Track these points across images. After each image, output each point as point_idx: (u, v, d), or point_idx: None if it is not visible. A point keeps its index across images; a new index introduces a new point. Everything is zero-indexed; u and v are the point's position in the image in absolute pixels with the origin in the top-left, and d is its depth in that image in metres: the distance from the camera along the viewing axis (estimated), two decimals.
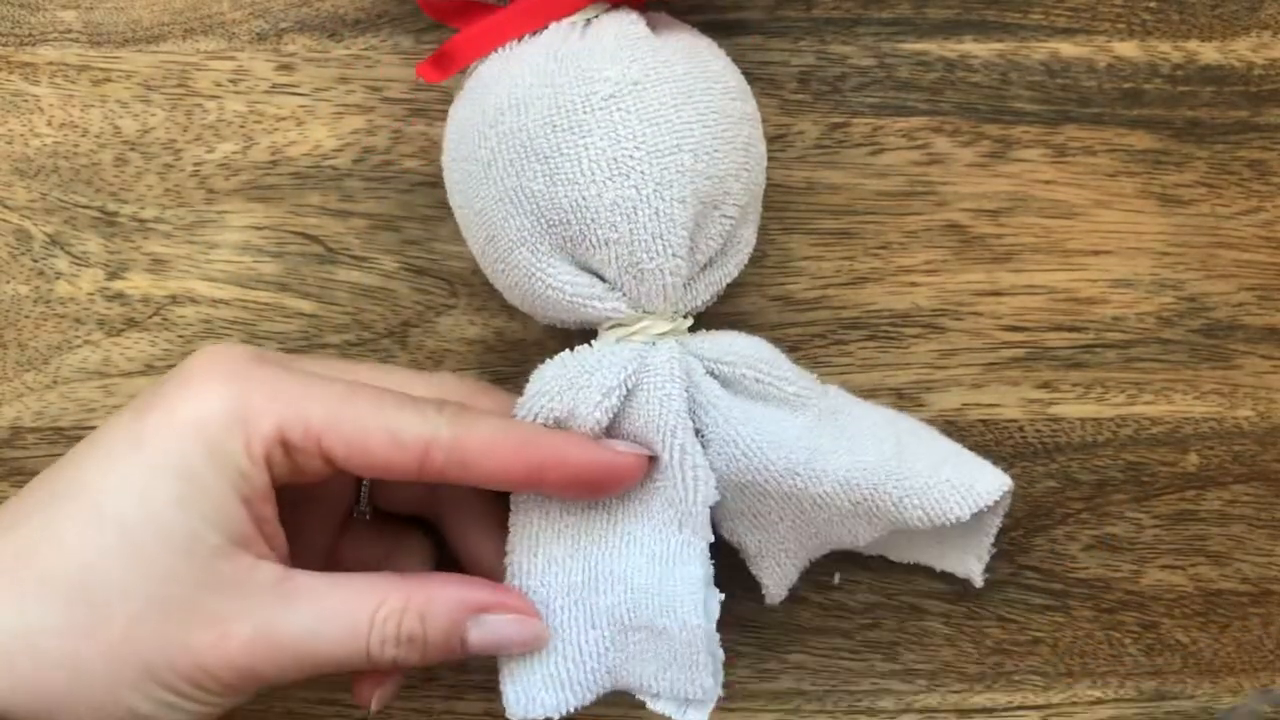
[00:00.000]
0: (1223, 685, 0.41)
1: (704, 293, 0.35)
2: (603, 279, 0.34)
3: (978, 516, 0.35)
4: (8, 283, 0.39)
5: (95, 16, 0.39)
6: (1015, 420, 0.40)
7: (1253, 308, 0.40)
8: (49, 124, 0.39)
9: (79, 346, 0.39)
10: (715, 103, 0.34)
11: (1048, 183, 0.40)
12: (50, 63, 0.39)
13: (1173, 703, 0.40)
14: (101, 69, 0.39)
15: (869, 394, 0.40)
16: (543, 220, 0.33)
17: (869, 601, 0.40)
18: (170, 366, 0.39)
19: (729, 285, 0.36)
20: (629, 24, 0.34)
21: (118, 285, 0.39)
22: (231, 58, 0.39)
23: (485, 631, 0.33)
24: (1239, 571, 0.41)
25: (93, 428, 0.39)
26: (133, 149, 0.39)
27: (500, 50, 0.35)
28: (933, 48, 0.40)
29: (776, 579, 0.37)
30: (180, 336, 0.39)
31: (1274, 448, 0.40)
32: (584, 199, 0.33)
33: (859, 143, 0.40)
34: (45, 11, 0.39)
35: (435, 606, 0.32)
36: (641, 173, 0.32)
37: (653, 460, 0.33)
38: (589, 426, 0.33)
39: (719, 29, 0.39)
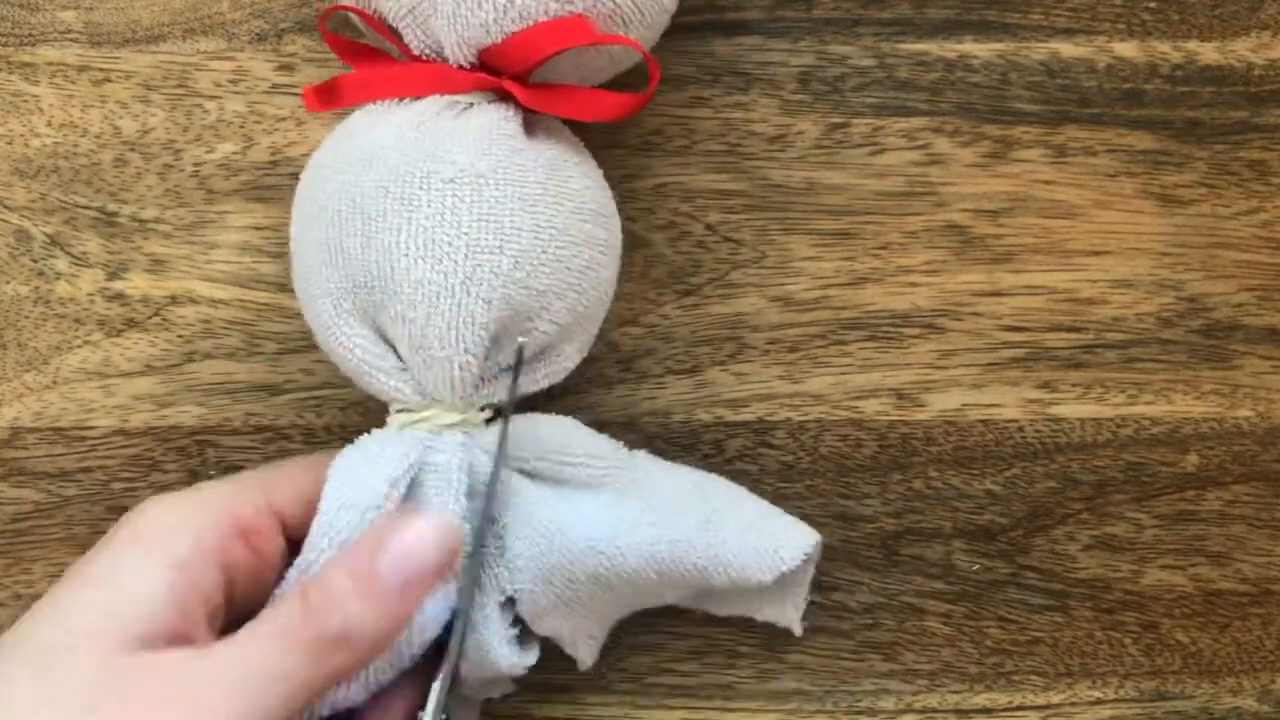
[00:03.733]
0: (1223, 685, 0.41)
1: (502, 393, 0.34)
2: (397, 355, 0.33)
3: (786, 576, 0.36)
4: (8, 283, 0.39)
5: (95, 16, 0.39)
6: (1015, 420, 0.40)
7: (1253, 308, 0.40)
8: (49, 124, 0.39)
9: (79, 346, 0.39)
10: (558, 219, 0.33)
11: (1048, 183, 0.40)
12: (50, 63, 0.39)
13: (1173, 703, 0.40)
14: (101, 69, 0.39)
15: (869, 394, 0.40)
16: (350, 279, 0.33)
17: (869, 601, 0.40)
18: (170, 367, 0.39)
19: (728, 289, 0.36)
20: (501, 119, 0.34)
21: (118, 285, 0.39)
22: (231, 58, 0.39)
23: (390, 554, 0.31)
24: (1239, 571, 0.41)
25: (92, 428, 0.39)
26: (133, 149, 0.39)
27: (378, 104, 0.35)
28: (933, 48, 0.40)
29: (589, 650, 0.37)
30: (180, 336, 0.39)
31: (1274, 448, 0.40)
32: (391, 270, 0.32)
33: (859, 143, 0.40)
34: (45, 11, 0.39)
35: (330, 569, 0.31)
36: (454, 261, 0.32)
37: None
38: (373, 516, 0.32)
39: (719, 29, 0.39)
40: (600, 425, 0.38)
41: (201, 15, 0.39)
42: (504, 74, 0.34)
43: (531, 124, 0.35)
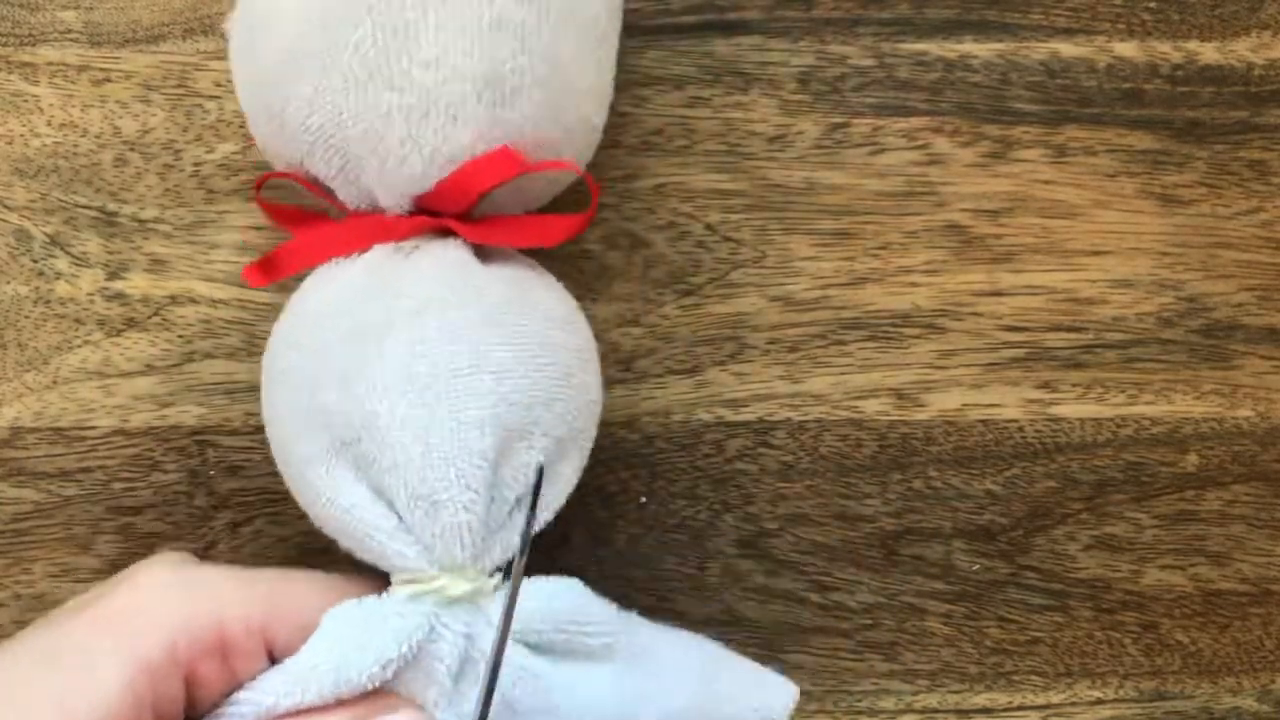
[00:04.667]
0: (1223, 685, 0.41)
1: (512, 541, 0.32)
2: (395, 511, 0.31)
3: None
4: (8, 283, 0.39)
5: (95, 16, 0.39)
6: (1015, 420, 0.40)
7: (1253, 308, 0.40)
8: (49, 124, 0.39)
9: (79, 346, 0.39)
10: (529, 329, 0.32)
11: (1048, 183, 0.40)
12: (50, 63, 0.39)
13: (1173, 703, 0.40)
14: (101, 69, 0.39)
15: (869, 394, 0.40)
16: (335, 438, 0.31)
17: (869, 601, 0.40)
18: (170, 367, 0.39)
19: (728, 289, 0.36)
20: (452, 249, 0.33)
21: (118, 285, 0.39)
22: None
23: None
24: (1239, 571, 0.41)
25: (92, 428, 0.39)
26: (133, 149, 0.39)
27: (326, 265, 0.34)
28: (933, 48, 0.40)
29: None
30: (180, 336, 0.39)
31: (1274, 448, 0.40)
32: (375, 415, 0.30)
33: (859, 143, 0.40)
34: (45, 11, 0.39)
35: None
36: (435, 391, 0.30)
37: None
38: (356, 690, 0.30)
39: (719, 29, 0.39)
40: (601, 425, 0.38)
41: (201, 15, 0.39)
42: (444, 214, 0.33)
43: (482, 251, 0.34)
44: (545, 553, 0.40)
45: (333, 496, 0.31)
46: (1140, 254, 0.40)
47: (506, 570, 0.32)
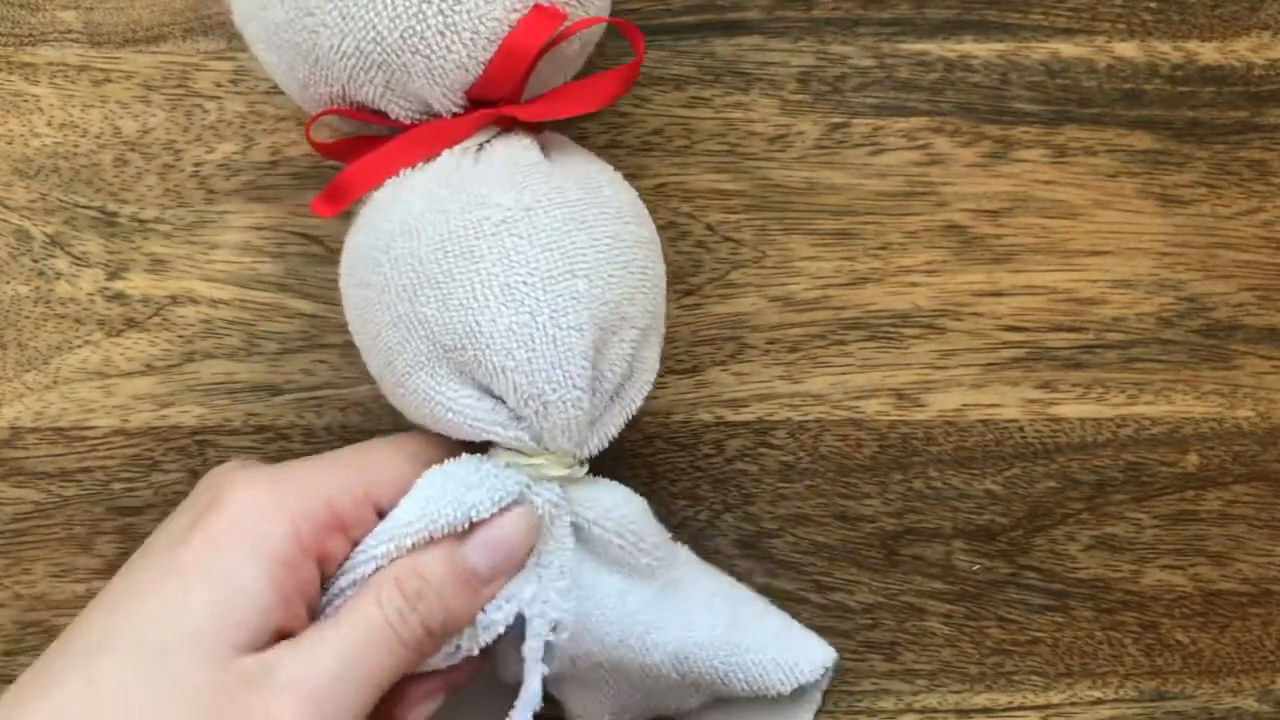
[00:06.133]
0: (1223, 685, 0.41)
1: (609, 431, 0.34)
2: (506, 405, 0.33)
3: (802, 687, 0.37)
4: (8, 283, 0.39)
5: (95, 16, 0.39)
6: (1015, 420, 0.40)
7: (1253, 308, 0.40)
8: (49, 124, 0.39)
9: (79, 346, 0.39)
10: (609, 228, 0.33)
11: (1048, 183, 0.40)
12: (50, 63, 0.39)
13: (1173, 703, 0.40)
14: (101, 69, 0.39)
15: (869, 394, 0.40)
16: (439, 345, 0.32)
17: (869, 601, 0.40)
18: (170, 367, 0.39)
19: (728, 289, 0.36)
20: (521, 149, 0.34)
21: (118, 285, 0.39)
22: (231, 58, 0.39)
23: (482, 546, 0.32)
24: (1239, 571, 0.41)
25: (92, 428, 0.39)
26: (133, 149, 0.39)
27: (394, 178, 0.34)
28: (933, 48, 0.40)
29: None
30: (180, 336, 0.39)
31: (1274, 448, 0.40)
32: (478, 324, 0.32)
33: (859, 143, 0.40)
34: (45, 11, 0.39)
35: (424, 559, 0.32)
36: (536, 299, 0.32)
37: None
38: (443, 531, 0.32)
39: (719, 29, 0.39)
40: None
41: (201, 15, 0.39)
42: (497, 104, 0.34)
43: (543, 145, 0.35)
44: None
45: (445, 399, 0.33)
46: (1140, 254, 0.40)
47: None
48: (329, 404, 0.39)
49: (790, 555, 0.40)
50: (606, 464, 0.39)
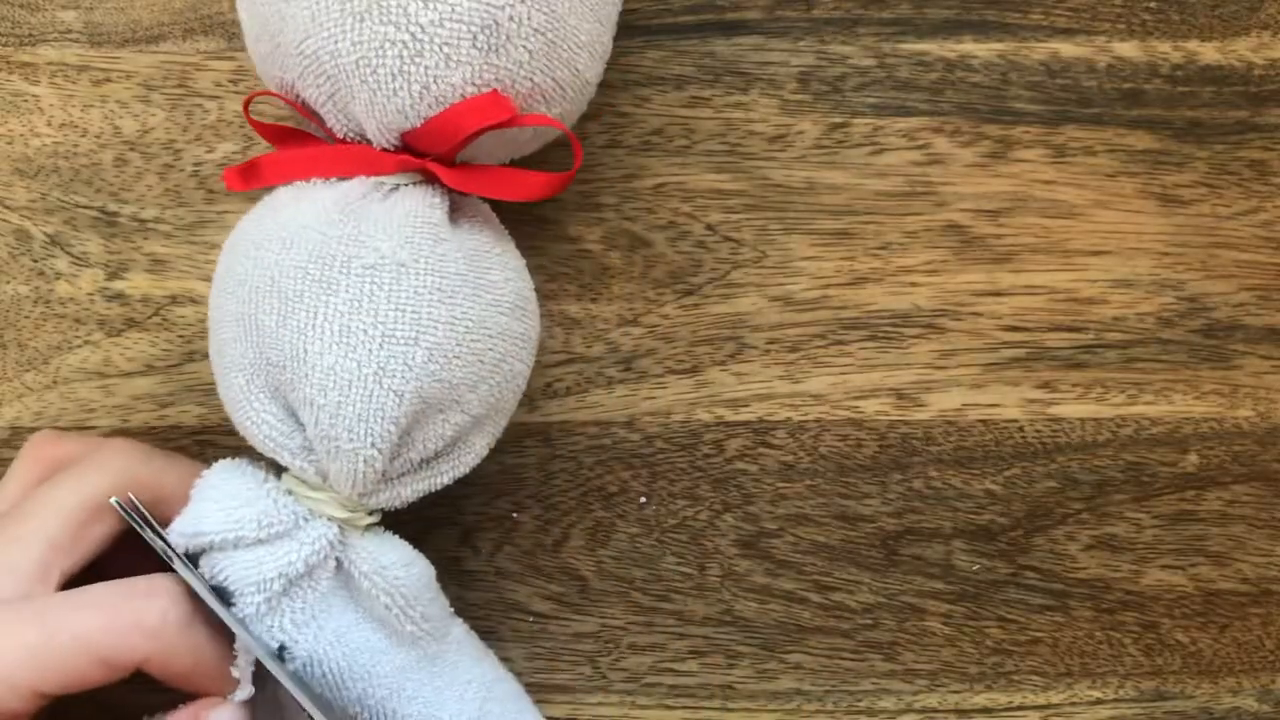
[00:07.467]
0: (1223, 685, 0.41)
1: (405, 493, 0.34)
2: (304, 434, 0.33)
3: None
4: (8, 283, 0.39)
5: (95, 16, 0.39)
6: (1015, 420, 0.40)
7: (1253, 308, 0.40)
8: (49, 124, 0.39)
9: (79, 346, 0.39)
10: (476, 311, 0.33)
11: (1048, 183, 0.40)
12: (50, 63, 0.39)
13: (1173, 703, 0.40)
14: (101, 69, 0.39)
15: (869, 394, 0.40)
16: (263, 356, 0.32)
17: (869, 601, 0.40)
18: (170, 367, 0.39)
19: (728, 289, 0.36)
20: (428, 206, 0.33)
21: (118, 285, 0.39)
22: (231, 58, 0.39)
23: None
24: (1239, 571, 0.41)
25: (92, 428, 0.39)
26: (133, 149, 0.39)
27: (304, 182, 0.34)
28: (933, 48, 0.40)
29: None
30: (180, 336, 0.39)
31: (1274, 448, 0.40)
32: (305, 352, 0.31)
33: (859, 143, 0.40)
34: (45, 11, 0.39)
35: None
36: (368, 350, 0.31)
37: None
38: (204, 544, 0.32)
39: (719, 29, 0.39)
40: (601, 425, 0.38)
41: (201, 15, 0.39)
42: (427, 155, 0.33)
43: (458, 206, 0.34)
44: (551, 550, 0.40)
45: (249, 407, 0.33)
46: (1140, 254, 0.40)
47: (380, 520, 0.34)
48: None
49: (790, 555, 0.40)
50: (605, 465, 0.40)
